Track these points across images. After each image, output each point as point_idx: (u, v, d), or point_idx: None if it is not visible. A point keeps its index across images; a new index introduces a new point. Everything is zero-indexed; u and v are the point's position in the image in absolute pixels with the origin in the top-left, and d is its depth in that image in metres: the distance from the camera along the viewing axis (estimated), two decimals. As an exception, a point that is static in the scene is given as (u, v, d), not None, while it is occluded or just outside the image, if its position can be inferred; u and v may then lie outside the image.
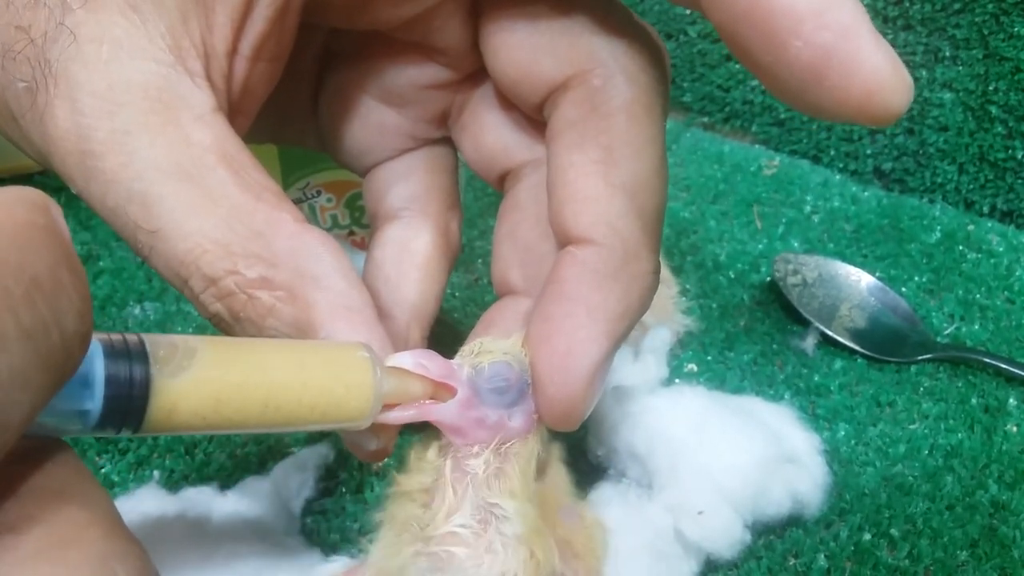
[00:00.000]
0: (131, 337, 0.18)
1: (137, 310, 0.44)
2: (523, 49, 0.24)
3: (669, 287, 0.45)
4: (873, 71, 0.17)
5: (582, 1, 0.23)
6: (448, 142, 0.29)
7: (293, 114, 0.29)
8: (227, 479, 0.36)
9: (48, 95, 0.21)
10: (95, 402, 0.17)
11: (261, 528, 0.32)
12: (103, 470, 0.36)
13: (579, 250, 0.23)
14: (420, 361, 0.22)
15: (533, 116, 0.26)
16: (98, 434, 0.18)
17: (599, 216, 0.23)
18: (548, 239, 0.25)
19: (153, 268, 0.22)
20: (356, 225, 0.44)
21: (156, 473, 0.36)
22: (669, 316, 0.43)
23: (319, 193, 0.42)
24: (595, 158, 0.23)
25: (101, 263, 0.46)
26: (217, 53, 0.22)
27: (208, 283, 0.21)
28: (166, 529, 0.31)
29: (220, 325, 0.22)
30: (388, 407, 0.22)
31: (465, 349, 0.24)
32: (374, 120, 0.28)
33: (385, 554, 0.24)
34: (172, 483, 0.35)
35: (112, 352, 0.18)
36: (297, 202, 0.42)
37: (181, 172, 0.21)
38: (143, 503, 0.32)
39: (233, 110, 0.23)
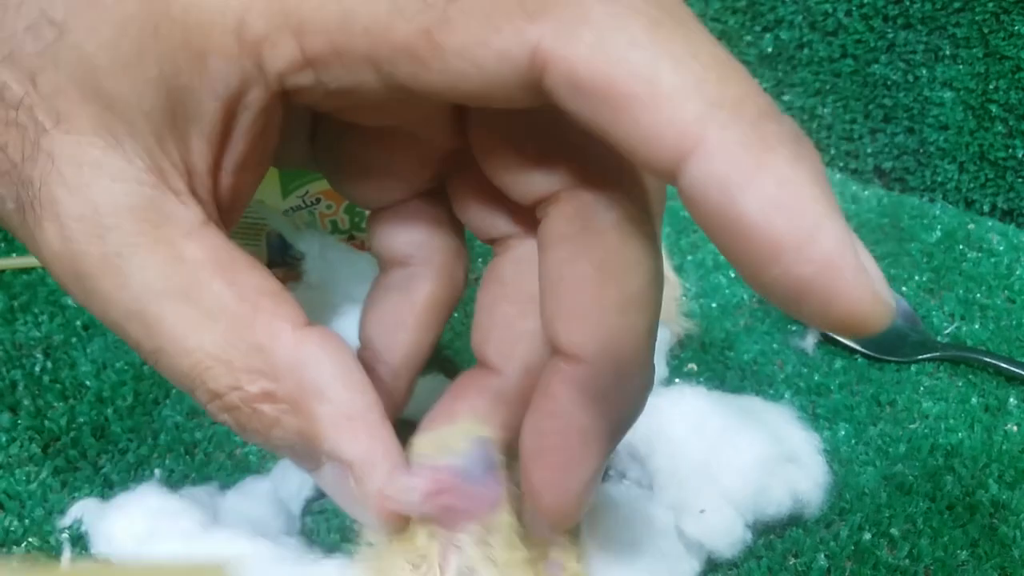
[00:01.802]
0: None
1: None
2: (512, 161, 0.23)
3: (673, 288, 0.45)
4: (854, 301, 0.16)
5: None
6: None
7: (291, 146, 0.29)
8: (227, 479, 0.36)
9: (36, 215, 0.21)
10: None
11: (261, 528, 0.32)
12: (103, 470, 0.36)
13: (569, 367, 0.23)
14: (438, 502, 0.24)
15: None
16: None
17: (589, 336, 0.22)
18: (526, 317, 0.25)
19: (161, 374, 0.22)
20: (356, 230, 0.44)
21: (157, 472, 0.36)
22: (671, 318, 0.43)
23: (318, 200, 0.42)
24: (586, 275, 0.22)
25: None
26: (198, 171, 0.22)
27: (213, 396, 0.22)
28: (166, 528, 0.31)
29: (231, 428, 0.23)
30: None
31: (422, 446, 0.25)
32: (369, 177, 0.28)
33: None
34: (172, 483, 0.35)
35: None
36: (297, 209, 0.42)
37: (177, 291, 0.21)
38: (143, 502, 0.32)
39: (222, 213, 0.23)
